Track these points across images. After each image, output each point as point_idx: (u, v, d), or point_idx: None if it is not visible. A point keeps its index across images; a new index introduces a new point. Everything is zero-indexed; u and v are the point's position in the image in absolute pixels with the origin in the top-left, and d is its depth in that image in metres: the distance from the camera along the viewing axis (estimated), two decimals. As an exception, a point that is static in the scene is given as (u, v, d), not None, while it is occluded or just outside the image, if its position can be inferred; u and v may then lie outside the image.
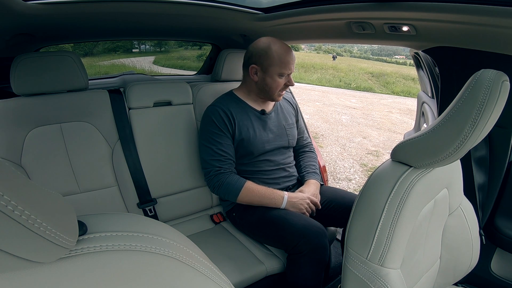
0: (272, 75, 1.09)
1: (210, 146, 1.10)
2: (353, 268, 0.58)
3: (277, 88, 1.11)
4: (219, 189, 1.09)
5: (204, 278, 0.35)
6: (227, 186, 1.07)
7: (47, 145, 1.06)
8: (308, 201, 1.10)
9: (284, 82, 1.11)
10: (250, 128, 1.14)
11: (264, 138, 1.16)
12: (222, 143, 1.10)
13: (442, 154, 0.55)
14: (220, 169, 1.09)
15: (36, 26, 1.03)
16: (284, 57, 1.07)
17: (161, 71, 8.25)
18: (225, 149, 1.10)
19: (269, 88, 1.12)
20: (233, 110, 1.13)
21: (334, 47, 34.21)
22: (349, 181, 3.16)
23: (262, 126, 1.17)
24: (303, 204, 1.09)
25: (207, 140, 1.11)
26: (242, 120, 1.14)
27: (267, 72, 1.09)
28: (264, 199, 1.08)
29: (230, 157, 1.11)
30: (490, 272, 1.05)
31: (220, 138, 1.10)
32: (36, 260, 0.24)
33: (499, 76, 0.50)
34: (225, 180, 1.08)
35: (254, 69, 1.11)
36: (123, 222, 0.34)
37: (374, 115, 6.56)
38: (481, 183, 1.02)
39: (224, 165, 1.10)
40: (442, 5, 0.78)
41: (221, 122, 1.10)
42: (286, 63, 1.07)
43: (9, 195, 0.20)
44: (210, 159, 1.10)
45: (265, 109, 1.21)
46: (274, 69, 1.08)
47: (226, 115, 1.11)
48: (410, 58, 2.44)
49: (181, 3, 1.07)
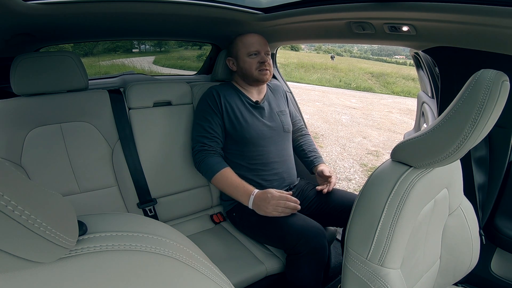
0: (242, 57, 1.20)
1: (200, 123, 1.17)
2: (353, 268, 0.58)
3: (251, 68, 1.18)
4: (200, 165, 1.14)
5: (204, 278, 0.35)
6: (207, 164, 1.12)
7: (47, 145, 1.06)
8: (275, 201, 1.01)
9: (257, 61, 1.18)
10: (243, 115, 1.18)
11: (258, 125, 1.19)
12: (211, 121, 1.15)
13: (442, 154, 0.55)
14: (204, 146, 1.14)
15: (36, 26, 1.03)
16: (247, 39, 1.19)
17: (161, 71, 8.26)
18: (213, 127, 1.15)
19: (246, 70, 1.20)
20: (227, 94, 1.20)
21: (334, 47, 34.21)
22: (349, 181, 3.16)
23: (256, 115, 1.21)
24: (269, 207, 1.00)
25: (199, 118, 1.19)
26: (234, 104, 1.19)
27: (238, 57, 1.21)
28: (234, 191, 1.08)
29: (217, 136, 1.16)
30: (490, 272, 1.05)
31: (211, 116, 1.16)
32: (36, 260, 0.24)
33: (499, 76, 0.50)
34: (207, 158, 1.12)
35: (230, 61, 1.26)
36: (123, 222, 0.34)
37: (374, 115, 6.56)
38: (481, 183, 1.02)
39: (209, 142, 1.14)
40: (442, 5, 0.78)
41: (213, 101, 1.17)
42: (249, 43, 1.18)
43: (9, 195, 0.20)
44: (197, 135, 1.17)
45: (259, 100, 1.25)
46: (241, 52, 1.19)
47: (218, 96, 1.18)
48: (410, 58, 2.44)
49: (181, 3, 1.07)
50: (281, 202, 1.02)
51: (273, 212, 1.01)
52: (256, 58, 1.18)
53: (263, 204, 1.02)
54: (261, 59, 1.18)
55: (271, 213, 1.01)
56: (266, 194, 1.03)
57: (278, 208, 1.01)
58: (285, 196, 1.03)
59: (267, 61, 1.19)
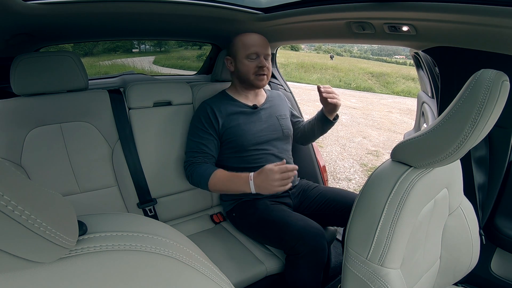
0: (241, 59, 1.15)
1: (193, 139, 1.16)
2: (353, 268, 0.58)
3: (249, 72, 1.15)
4: (192, 178, 1.12)
5: (204, 278, 0.35)
6: (197, 175, 1.09)
7: (47, 145, 1.06)
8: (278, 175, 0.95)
9: (255, 64, 1.14)
10: (239, 123, 1.16)
11: (254, 129, 1.17)
12: (203, 138, 1.14)
13: (442, 154, 0.55)
14: (193, 160, 1.13)
15: (36, 26, 1.03)
16: (247, 40, 1.14)
17: (161, 71, 8.25)
18: (206, 144, 1.14)
19: (243, 73, 1.16)
20: (222, 107, 1.17)
21: (334, 47, 34.21)
22: (349, 181, 3.16)
23: (253, 119, 1.19)
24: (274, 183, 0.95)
25: (191, 134, 1.18)
26: (230, 116, 1.16)
27: (237, 58, 1.17)
28: (231, 185, 1.04)
29: (209, 152, 1.14)
30: (490, 272, 1.05)
31: (204, 134, 1.14)
32: (36, 260, 0.24)
33: (499, 76, 0.50)
34: (195, 169, 1.10)
35: (228, 60, 1.21)
36: (123, 222, 0.34)
37: (374, 115, 6.56)
38: (481, 183, 1.02)
39: (199, 156, 1.13)
40: (442, 5, 0.78)
41: (207, 119, 1.15)
42: (249, 45, 1.14)
43: (9, 195, 0.20)
44: (189, 150, 1.16)
45: (257, 104, 1.24)
46: (241, 53, 1.15)
47: (213, 113, 1.15)
48: (410, 58, 2.44)
49: (181, 3, 1.07)
50: (284, 174, 0.96)
51: (280, 188, 0.95)
52: (255, 61, 1.14)
53: (266, 182, 0.96)
54: (260, 63, 1.14)
55: (278, 188, 0.95)
56: (265, 171, 0.97)
57: (283, 182, 0.95)
58: (284, 166, 0.97)
59: (266, 66, 1.15)
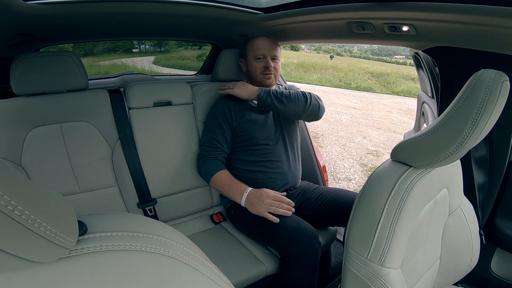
0: (250, 61, 1.26)
1: (207, 134, 1.24)
2: (353, 268, 0.58)
3: (256, 72, 1.24)
4: (200, 169, 1.21)
5: (204, 278, 0.35)
6: (205, 168, 1.18)
7: (47, 145, 1.06)
8: (270, 201, 1.01)
9: (262, 65, 1.23)
10: (251, 119, 1.22)
11: (265, 125, 1.22)
12: (217, 134, 1.21)
13: (442, 154, 0.55)
14: (207, 153, 1.20)
15: (36, 26, 1.03)
16: (256, 43, 1.24)
17: (161, 71, 8.24)
18: (219, 139, 1.21)
19: (252, 73, 1.26)
20: (237, 104, 1.24)
21: (334, 47, 34.21)
22: (349, 181, 3.16)
23: (263, 116, 1.24)
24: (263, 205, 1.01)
25: (207, 129, 1.25)
26: (244, 112, 1.23)
27: (247, 60, 1.27)
28: (228, 189, 1.11)
29: (221, 147, 1.21)
30: (490, 272, 1.05)
31: (218, 129, 1.21)
32: (36, 260, 0.24)
33: (499, 76, 0.50)
34: (206, 163, 1.18)
35: (242, 62, 1.33)
36: (123, 222, 0.34)
37: (374, 115, 6.56)
38: (481, 183, 1.02)
39: (211, 150, 1.20)
40: (442, 5, 0.78)
41: (223, 116, 1.22)
42: (257, 48, 1.23)
43: (9, 195, 0.20)
44: (203, 144, 1.24)
45: None
46: (250, 55, 1.25)
47: (228, 110, 1.22)
48: (410, 58, 2.44)
49: (181, 3, 1.07)
50: (275, 203, 1.02)
51: (265, 212, 1.00)
52: (262, 62, 1.23)
53: (256, 202, 1.02)
54: (266, 63, 1.22)
55: (263, 212, 1.01)
56: (261, 193, 1.03)
57: (270, 208, 1.01)
58: (280, 197, 1.04)
59: (271, 66, 1.22)
